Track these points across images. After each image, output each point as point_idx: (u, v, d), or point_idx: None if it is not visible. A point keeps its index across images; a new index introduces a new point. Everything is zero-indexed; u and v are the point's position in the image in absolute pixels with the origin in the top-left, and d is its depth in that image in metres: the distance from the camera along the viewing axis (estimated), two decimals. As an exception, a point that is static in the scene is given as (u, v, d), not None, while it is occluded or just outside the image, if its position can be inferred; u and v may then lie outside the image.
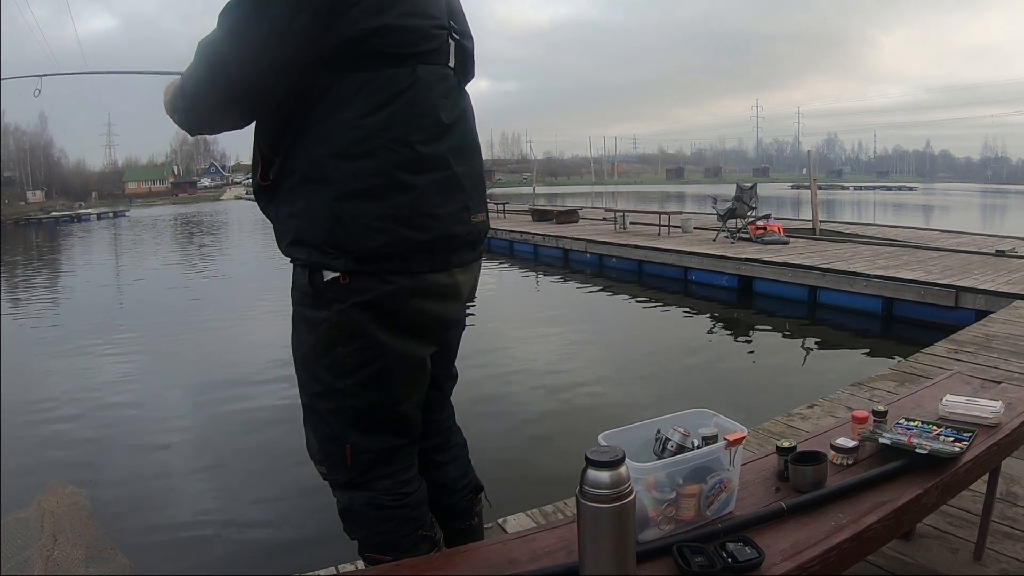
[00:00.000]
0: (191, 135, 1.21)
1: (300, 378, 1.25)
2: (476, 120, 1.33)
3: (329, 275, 1.14)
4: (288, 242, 1.18)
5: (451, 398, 1.51)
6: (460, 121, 1.23)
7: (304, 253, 1.16)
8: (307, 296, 1.18)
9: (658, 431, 1.20)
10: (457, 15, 1.27)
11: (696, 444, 1.16)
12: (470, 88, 1.35)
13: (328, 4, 1.05)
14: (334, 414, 1.21)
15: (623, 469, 0.92)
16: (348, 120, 1.10)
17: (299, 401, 1.28)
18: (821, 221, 11.41)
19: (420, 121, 1.15)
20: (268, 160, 1.18)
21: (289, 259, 1.20)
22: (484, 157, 1.41)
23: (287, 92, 1.11)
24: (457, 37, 1.24)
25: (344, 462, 1.23)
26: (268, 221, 1.25)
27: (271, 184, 1.19)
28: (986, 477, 1.64)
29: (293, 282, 1.21)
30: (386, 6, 1.09)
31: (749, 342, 6.47)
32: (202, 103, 1.13)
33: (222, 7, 1.09)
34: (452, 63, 1.23)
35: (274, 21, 1.04)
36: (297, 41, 1.05)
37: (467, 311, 1.43)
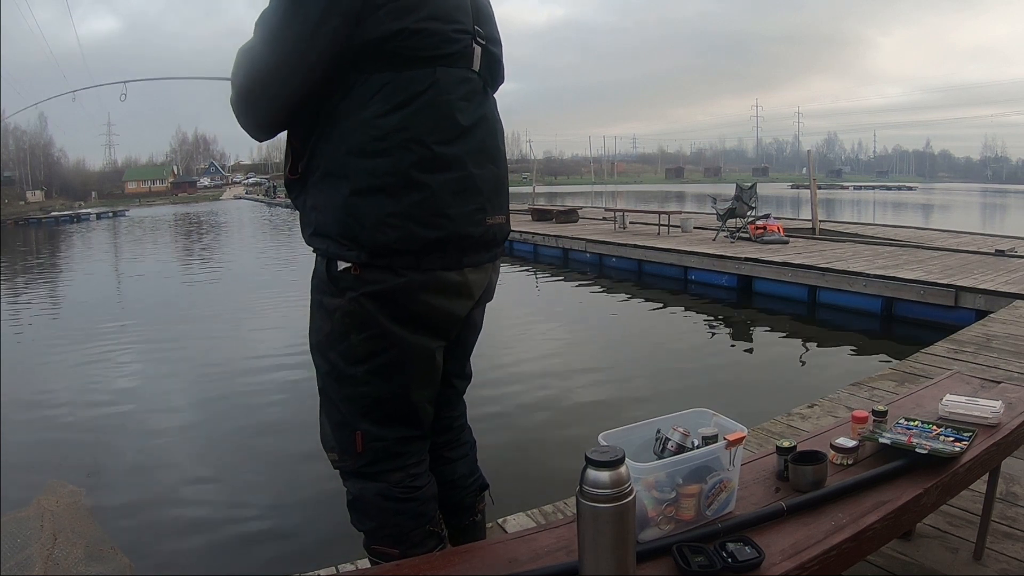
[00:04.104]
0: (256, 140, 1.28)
1: (316, 363, 1.30)
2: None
3: (342, 265, 1.19)
4: (310, 233, 1.24)
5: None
6: (481, 124, 1.25)
7: (323, 244, 1.21)
8: (324, 284, 1.23)
9: (658, 431, 1.20)
10: (485, 20, 1.29)
11: (696, 444, 1.16)
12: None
13: (356, 7, 1.10)
14: (346, 400, 1.26)
15: (623, 469, 0.92)
16: (367, 119, 1.15)
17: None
18: (821, 221, 11.41)
19: (437, 122, 1.18)
20: (298, 154, 1.24)
21: (312, 249, 1.25)
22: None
23: (318, 90, 1.17)
24: (483, 42, 1.27)
25: (354, 448, 1.26)
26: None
27: (299, 178, 1.25)
28: (986, 477, 1.64)
29: (314, 270, 1.26)
30: (408, 10, 1.13)
31: (749, 342, 6.47)
32: (244, 105, 1.20)
33: (259, 14, 1.16)
34: (477, 67, 1.26)
35: (305, 23, 1.10)
36: (326, 42, 1.11)
37: (483, 312, 1.44)
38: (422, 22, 1.14)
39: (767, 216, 10.86)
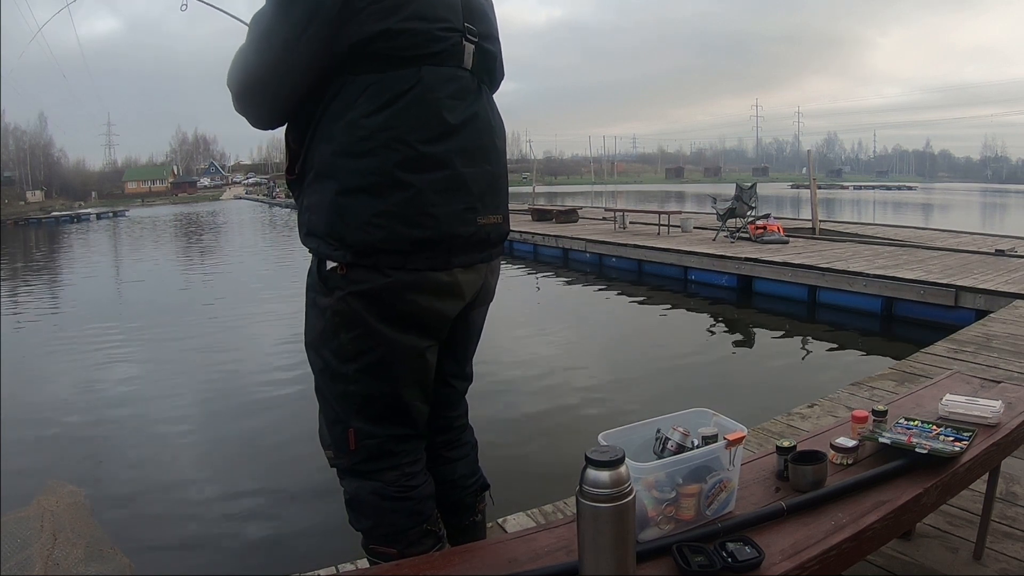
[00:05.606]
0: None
1: (311, 361, 1.31)
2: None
3: (331, 265, 1.21)
4: (304, 233, 1.26)
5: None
6: (472, 122, 1.25)
7: (314, 243, 1.23)
8: (316, 283, 1.25)
9: (658, 431, 1.20)
10: (479, 18, 1.29)
11: (696, 444, 1.16)
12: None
13: (336, 11, 1.11)
14: (339, 398, 1.27)
15: (623, 469, 0.92)
16: (353, 120, 1.16)
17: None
18: (821, 221, 11.40)
19: (423, 121, 1.18)
20: (294, 155, 1.26)
21: (307, 249, 1.27)
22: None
23: (308, 92, 1.19)
24: (476, 39, 1.26)
25: (348, 446, 1.27)
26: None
27: (296, 177, 1.27)
28: (986, 477, 1.64)
29: (308, 270, 1.28)
30: (391, 11, 1.13)
31: (749, 342, 6.47)
32: (240, 102, 1.24)
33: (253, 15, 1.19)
34: (469, 65, 1.25)
35: (292, 27, 1.13)
36: (312, 45, 1.13)
37: (483, 314, 1.44)
38: (405, 22, 1.14)
39: (767, 216, 10.86)
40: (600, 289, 9.18)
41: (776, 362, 5.69)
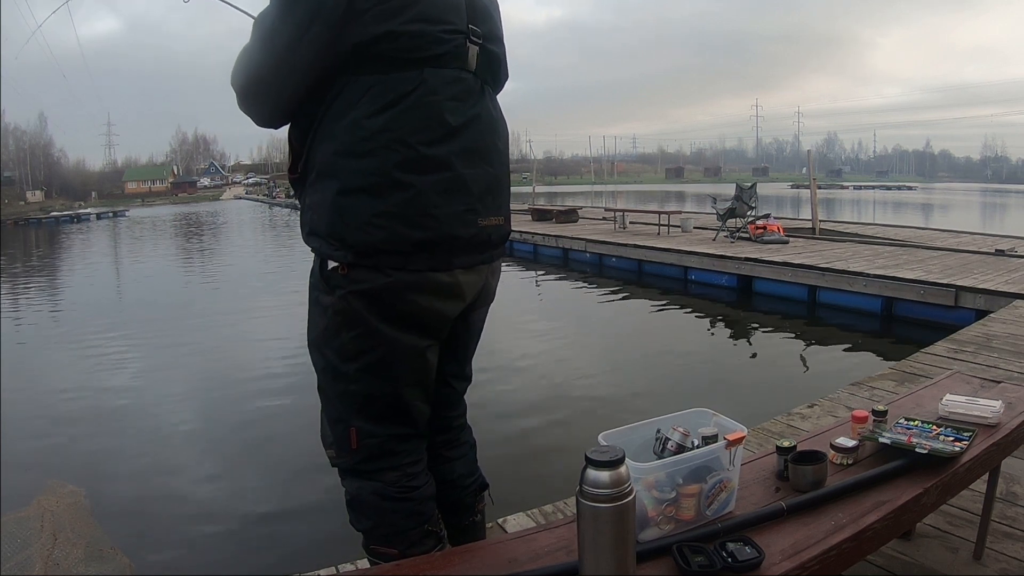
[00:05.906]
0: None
1: (313, 360, 1.32)
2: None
3: (332, 264, 1.21)
4: (306, 232, 1.26)
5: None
6: (473, 124, 1.25)
7: (316, 243, 1.23)
8: (318, 282, 1.26)
9: (658, 431, 1.20)
10: (483, 19, 1.29)
11: (696, 444, 1.16)
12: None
13: (340, 12, 1.11)
14: (340, 397, 1.27)
15: (623, 469, 0.92)
16: (355, 120, 1.16)
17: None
18: (821, 220, 11.40)
19: (424, 123, 1.18)
20: (297, 154, 1.26)
21: (310, 248, 1.27)
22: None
23: (311, 92, 1.19)
24: (480, 41, 1.26)
25: (349, 445, 1.27)
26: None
27: (298, 177, 1.27)
28: (986, 477, 1.64)
29: (311, 269, 1.28)
30: (394, 13, 1.13)
31: (749, 342, 6.47)
32: (244, 101, 1.25)
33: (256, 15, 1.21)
34: (473, 67, 1.25)
35: (295, 28, 1.14)
36: (314, 47, 1.13)
37: (484, 315, 1.44)
38: (408, 24, 1.14)
39: (767, 216, 10.86)
40: (600, 289, 9.18)
41: (776, 362, 5.69)
